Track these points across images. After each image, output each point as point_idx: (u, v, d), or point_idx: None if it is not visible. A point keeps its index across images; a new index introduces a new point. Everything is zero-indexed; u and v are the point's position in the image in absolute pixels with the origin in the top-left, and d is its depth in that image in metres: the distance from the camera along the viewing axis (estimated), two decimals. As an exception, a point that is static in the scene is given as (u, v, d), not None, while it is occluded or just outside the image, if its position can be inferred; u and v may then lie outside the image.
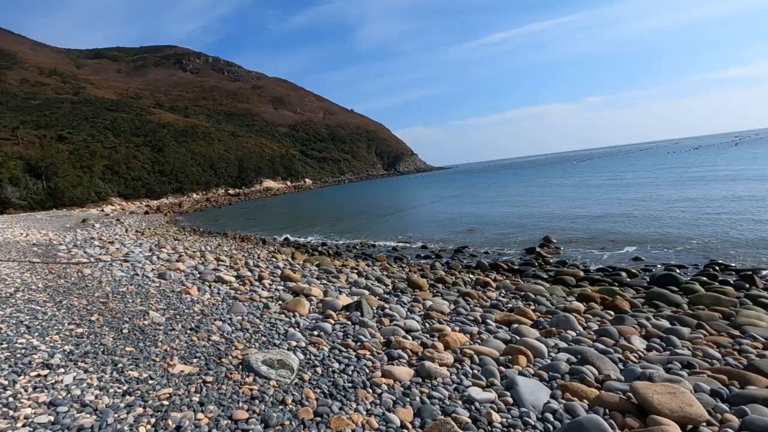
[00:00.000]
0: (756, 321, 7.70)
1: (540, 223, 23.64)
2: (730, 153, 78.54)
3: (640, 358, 6.20)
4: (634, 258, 14.85)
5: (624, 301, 9.15)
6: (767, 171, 37.42)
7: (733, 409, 4.48)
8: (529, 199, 37.71)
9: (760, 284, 10.65)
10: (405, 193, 68.44)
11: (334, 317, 7.70)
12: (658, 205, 25.00)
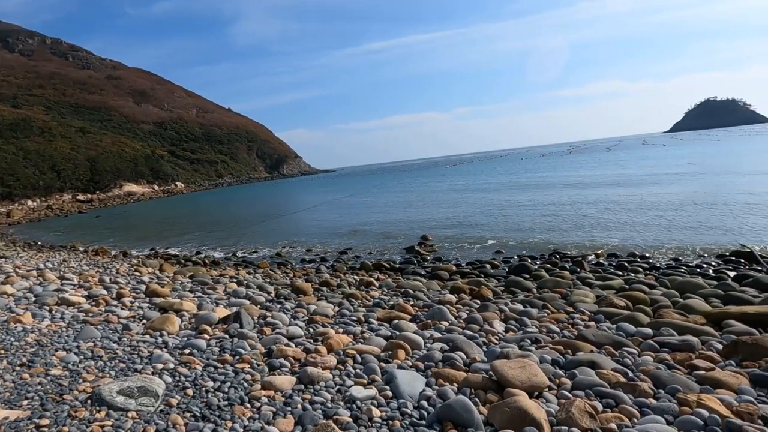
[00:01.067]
0: (583, 298, 9.36)
1: (418, 223, 25.28)
2: (567, 159, 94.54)
3: (500, 339, 7.04)
4: (496, 252, 16.84)
5: (488, 291, 10.30)
6: (594, 176, 45.79)
7: (567, 373, 5.38)
8: (408, 201, 40.05)
9: (587, 268, 12.99)
10: (289, 197, 66.79)
11: (209, 332, 7.14)
12: (512, 206, 28.74)
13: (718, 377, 5.05)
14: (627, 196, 26.99)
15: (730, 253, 13.30)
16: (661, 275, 11.41)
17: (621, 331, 7.07)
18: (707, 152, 68.88)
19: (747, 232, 15.83)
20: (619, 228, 18.69)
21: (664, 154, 75.56)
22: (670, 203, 23.10)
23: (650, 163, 56.87)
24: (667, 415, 4.31)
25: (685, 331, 6.77)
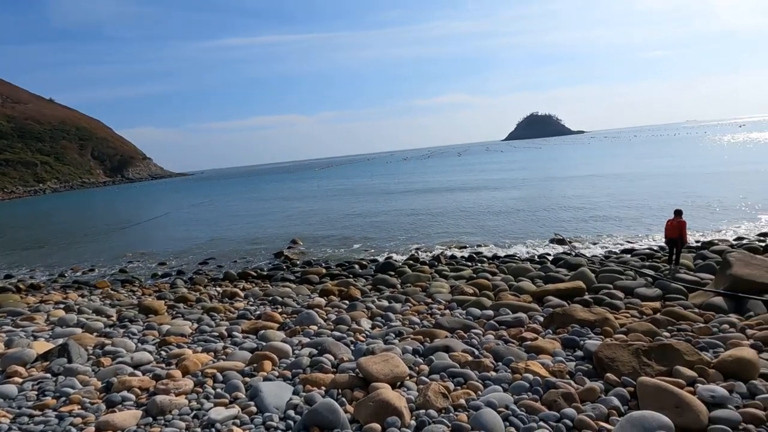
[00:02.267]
0: (440, 289, 10.33)
1: (287, 227, 24.70)
2: (426, 162, 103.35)
3: (367, 336, 7.29)
4: (365, 251, 17.46)
5: (356, 290, 10.60)
6: (449, 181, 50.86)
7: (425, 360, 5.86)
8: (276, 205, 38.85)
9: (443, 261, 14.36)
10: (135, 204, 58.44)
11: (22, 374, 5.80)
12: (378, 208, 30.18)
13: (540, 345, 6.09)
14: (475, 199, 30.73)
15: (549, 241, 16.22)
16: (501, 263, 13.27)
17: (470, 316, 8.00)
18: (533, 157, 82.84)
19: (561, 223, 19.50)
20: (469, 225, 21.16)
21: (503, 159, 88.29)
22: (508, 203, 27.11)
23: (493, 167, 65.69)
24: (504, 383, 5.02)
25: (517, 309, 7.99)
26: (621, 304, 8.30)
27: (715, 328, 6.53)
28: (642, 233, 16.26)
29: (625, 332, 6.49)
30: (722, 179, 28.73)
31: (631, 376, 4.76)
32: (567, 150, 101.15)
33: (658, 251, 12.95)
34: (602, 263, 11.94)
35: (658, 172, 35.65)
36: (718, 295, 7.87)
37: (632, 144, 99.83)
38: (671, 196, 23.05)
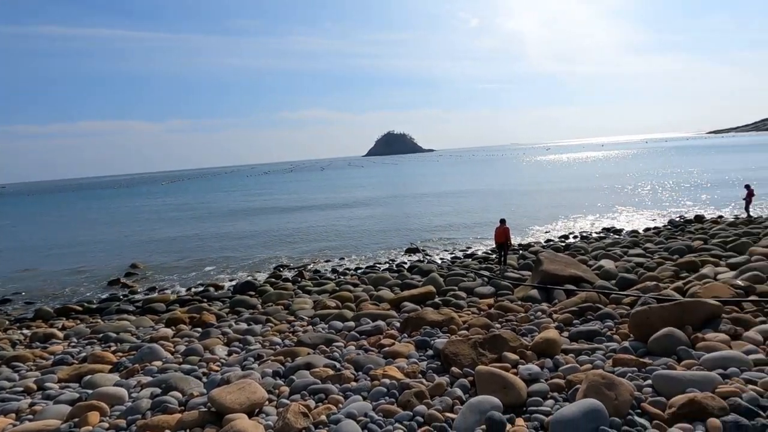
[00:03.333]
0: (303, 305, 10.18)
1: (123, 250, 21.42)
2: (288, 177, 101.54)
3: (222, 365, 6.72)
4: (221, 271, 16.18)
5: (210, 316, 9.72)
6: (310, 198, 50.76)
7: (286, 381, 5.67)
8: (108, 225, 33.34)
9: (307, 276, 14.22)
10: None
11: None
12: (232, 226, 28.39)
13: (396, 349, 6.46)
14: (338, 214, 31.40)
15: (406, 251, 17.48)
16: (363, 274, 13.75)
17: (332, 329, 8.06)
18: (390, 173, 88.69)
19: (416, 233, 21.21)
20: (333, 239, 21.44)
21: (364, 174, 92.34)
22: (369, 217, 28.41)
23: (354, 182, 68.05)
24: (364, 392, 5.17)
25: (377, 317, 8.37)
26: (464, 303, 9.39)
27: (532, 316, 7.87)
28: (479, 239, 18.75)
29: (467, 328, 7.35)
30: (533, 193, 35.13)
31: (471, 366, 5.39)
32: (419, 167, 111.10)
33: (491, 254, 15.07)
34: (449, 268, 13.35)
35: (487, 189, 41.71)
36: (534, 288, 9.52)
37: (472, 162, 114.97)
38: (497, 208, 27.21)
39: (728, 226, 15.75)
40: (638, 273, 10.25)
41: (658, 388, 4.45)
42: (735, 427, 3.57)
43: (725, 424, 3.61)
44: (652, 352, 5.54)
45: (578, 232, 18.53)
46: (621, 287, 9.17)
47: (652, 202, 26.47)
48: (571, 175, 52.90)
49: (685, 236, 14.69)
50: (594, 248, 13.90)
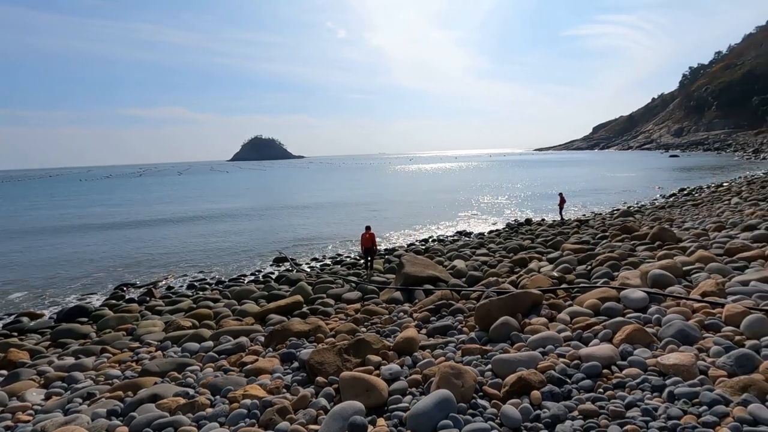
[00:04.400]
0: (152, 328, 8.96)
1: None
2: (137, 182, 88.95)
3: (36, 412, 5.47)
4: (38, 297, 13.26)
5: (21, 353, 7.85)
6: (154, 210, 45.23)
7: (125, 420, 4.87)
8: None
9: (157, 294, 12.58)
10: None
11: None
12: (56, 241, 23.76)
13: (259, 366, 6.12)
14: (195, 224, 28.66)
15: (274, 260, 16.82)
16: (225, 288, 12.76)
17: (186, 352, 7.26)
18: (258, 179, 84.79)
19: (286, 242, 20.59)
20: (191, 251, 19.42)
21: (229, 179, 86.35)
22: (233, 227, 26.59)
23: (215, 189, 63.08)
24: (221, 417, 4.75)
25: (239, 333, 7.83)
26: (332, 310, 9.43)
27: (395, 317, 8.31)
28: (348, 246, 19.14)
29: (334, 335, 7.37)
30: (399, 201, 37.51)
31: (336, 374, 5.41)
32: (289, 173, 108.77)
33: (359, 260, 15.50)
34: (318, 275, 13.28)
35: (356, 196, 43.07)
36: (397, 290, 10.08)
37: (342, 169, 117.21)
38: (365, 216, 28.27)
39: (548, 227, 19.11)
40: (484, 270, 11.68)
41: (496, 370, 5.09)
42: (550, 395, 4.29)
43: (543, 394, 4.31)
44: (492, 339, 6.33)
45: (436, 236, 20.35)
46: (470, 284, 10.32)
47: (495, 208, 30.63)
48: (431, 183, 58.06)
49: (518, 237, 17.33)
50: (449, 250, 15.40)
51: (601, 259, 10.04)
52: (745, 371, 4.14)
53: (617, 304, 6.75)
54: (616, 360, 4.86)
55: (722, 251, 9.38)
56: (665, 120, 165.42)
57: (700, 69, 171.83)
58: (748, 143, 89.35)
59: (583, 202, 30.11)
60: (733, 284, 6.88)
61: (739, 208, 17.25)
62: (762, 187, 25.27)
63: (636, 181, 43.35)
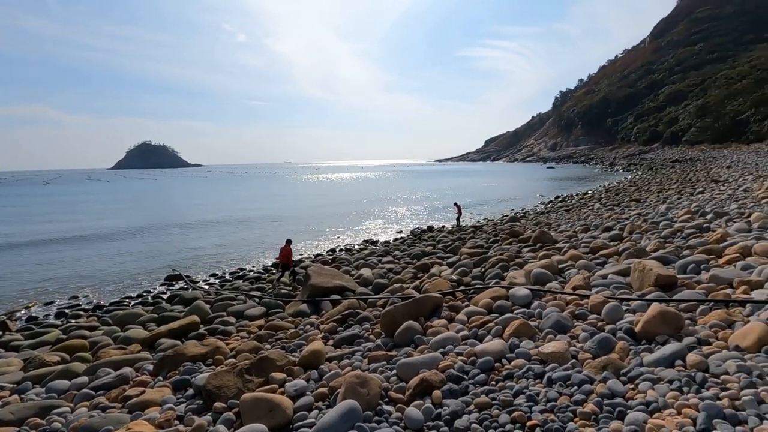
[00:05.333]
0: (6, 368, 7.50)
1: None
2: None
3: None
4: None
5: None
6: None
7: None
8: None
9: (14, 327, 10.60)
10: None
11: None
12: None
13: (147, 398, 5.47)
14: (62, 248, 24.86)
15: (165, 278, 15.28)
16: (105, 313, 11.24)
17: (52, 392, 6.21)
18: (149, 189, 76.69)
19: (177, 259, 18.84)
20: (59, 273, 16.75)
21: (109, 190, 76.65)
22: (115, 243, 23.58)
23: (92, 197, 55.62)
24: (97, 463, 4.14)
25: (122, 364, 6.94)
26: (233, 329, 8.86)
27: (302, 330, 8.10)
28: (251, 259, 18.23)
29: (235, 356, 6.92)
30: (308, 210, 36.91)
31: (237, 397, 5.06)
32: (185, 183, 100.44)
33: (263, 273, 14.86)
34: (217, 292, 12.40)
35: (257, 211, 41.40)
36: (304, 303, 9.85)
37: (245, 179, 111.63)
38: (271, 227, 27.29)
39: (448, 233, 20.37)
40: (389, 277, 12.00)
41: (401, 375, 5.22)
42: (449, 393, 4.53)
43: (443, 392, 4.53)
44: (398, 344, 6.50)
45: (344, 245, 20.39)
46: (376, 291, 10.51)
47: (400, 216, 31.75)
48: (339, 192, 58.17)
49: (421, 243, 18.16)
50: (356, 259, 15.53)
51: (493, 261, 10.97)
52: (605, 352, 4.84)
53: (506, 301, 7.42)
54: (506, 353, 5.33)
55: (588, 250, 10.88)
56: (543, 136, 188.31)
57: (568, 93, 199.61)
58: (606, 157, 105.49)
59: (479, 209, 32.73)
60: (596, 278, 8.01)
61: (599, 212, 20.23)
62: (616, 194, 30.02)
63: (521, 190, 48.47)
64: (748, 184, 22.15)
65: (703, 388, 3.66)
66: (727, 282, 6.55)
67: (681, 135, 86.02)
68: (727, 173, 33.08)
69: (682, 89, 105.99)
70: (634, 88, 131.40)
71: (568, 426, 3.53)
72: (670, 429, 3.12)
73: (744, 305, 5.56)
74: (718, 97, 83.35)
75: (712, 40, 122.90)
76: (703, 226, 11.29)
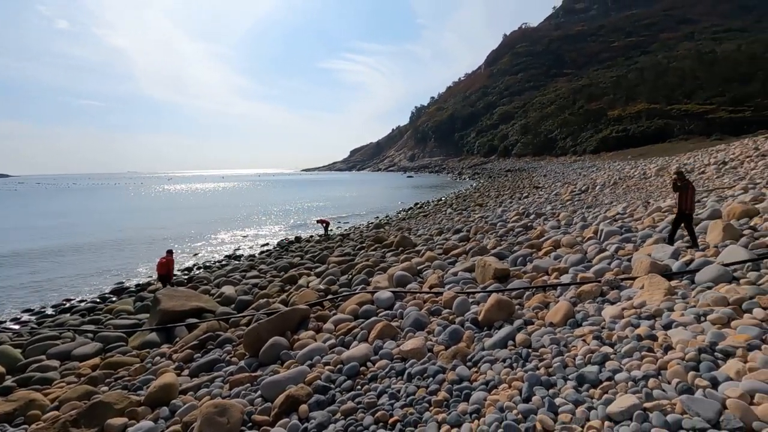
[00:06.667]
0: None
1: None
2: None
3: None
4: None
5: None
6: None
7: None
8: None
9: None
10: None
11: None
12: None
13: None
14: None
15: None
16: None
17: None
18: None
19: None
20: None
21: None
22: None
23: None
24: None
25: None
26: (56, 374, 7.29)
27: (149, 364, 7.10)
28: (83, 288, 15.33)
29: (57, 407, 5.69)
30: (150, 228, 32.76)
31: (59, 457, 4.17)
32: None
33: (99, 302, 12.65)
34: (33, 331, 10.08)
35: (84, 231, 35.38)
36: (152, 332, 8.66)
37: (69, 192, 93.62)
38: (104, 248, 23.49)
39: (316, 243, 20.31)
40: (254, 293, 11.38)
41: (266, 395, 4.98)
42: (316, 405, 4.49)
43: (310, 405, 4.47)
44: (263, 363, 6.19)
45: (202, 263, 18.64)
46: (239, 309, 9.86)
47: (266, 227, 30.48)
48: (195, 205, 53.08)
49: (289, 255, 17.73)
50: (216, 276, 14.34)
51: (359, 268, 11.32)
52: (455, 342, 5.39)
53: (372, 305, 7.71)
54: (371, 356, 5.53)
55: (442, 251, 12.03)
56: (402, 147, 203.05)
57: (422, 108, 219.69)
58: (455, 167, 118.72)
59: (346, 219, 33.47)
60: (448, 276, 8.90)
61: (451, 216, 22.61)
62: (464, 200, 33.98)
63: (385, 198, 51.25)
64: (558, 189, 27.44)
65: (527, 362, 4.35)
66: (545, 270, 7.95)
67: (511, 149, 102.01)
68: (543, 181, 40.40)
69: (509, 110, 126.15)
70: (474, 108, 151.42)
71: (425, 416, 3.82)
72: (503, 401, 3.63)
73: (556, 288, 6.82)
74: (535, 119, 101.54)
75: (529, 71, 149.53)
76: (527, 225, 13.52)
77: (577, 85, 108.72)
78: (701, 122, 59.45)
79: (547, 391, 3.66)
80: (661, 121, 64.43)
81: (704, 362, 3.49)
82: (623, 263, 7.07)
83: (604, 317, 5.12)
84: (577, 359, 4.11)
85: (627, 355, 3.92)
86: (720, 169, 20.67)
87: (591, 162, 58.62)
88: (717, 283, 5.24)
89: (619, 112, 75.81)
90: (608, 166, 44.31)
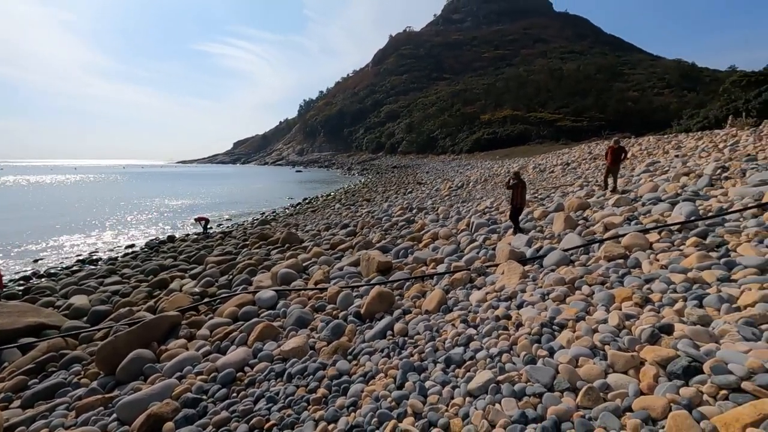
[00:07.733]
0: None
1: None
2: None
3: None
4: None
5: None
6: None
7: None
8: None
9: None
10: None
11: None
12: None
13: None
14: None
15: None
16: None
17: None
18: None
19: None
20: None
21: None
22: None
23: None
24: None
25: None
26: None
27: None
28: None
29: None
30: None
31: None
32: None
33: None
34: None
35: None
36: (-31, 359, 6.99)
37: None
38: None
39: (192, 242, 18.62)
40: (114, 302, 9.96)
41: (123, 418, 4.38)
42: (184, 421, 4.09)
43: (177, 422, 4.06)
44: (121, 381, 5.44)
45: (44, 271, 15.68)
46: (94, 322, 8.53)
47: (132, 227, 26.91)
48: (39, 201, 44.35)
49: (159, 256, 15.92)
50: (64, 285, 12.20)
51: (240, 267, 10.69)
52: (337, 337, 5.42)
53: (253, 306, 7.34)
54: (249, 360, 5.25)
55: (329, 246, 12.01)
56: (291, 141, 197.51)
57: (311, 102, 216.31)
58: (345, 163, 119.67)
59: (229, 214, 31.32)
60: (334, 271, 8.92)
61: (340, 212, 22.74)
62: (352, 195, 34.47)
63: (272, 193, 49.29)
64: (438, 186, 29.54)
65: (403, 350, 4.58)
66: (424, 261, 8.47)
67: (397, 146, 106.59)
68: (426, 177, 43.10)
69: (395, 109, 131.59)
70: (363, 105, 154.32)
71: (302, 416, 3.76)
72: (378, 391, 3.75)
73: (433, 278, 7.32)
74: (419, 118, 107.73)
75: (413, 73, 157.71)
76: (410, 219, 14.26)
77: (455, 89, 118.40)
78: (552, 129, 69.73)
79: (419, 376, 3.89)
80: (522, 126, 73.82)
81: (545, 335, 4.08)
82: (489, 252, 7.89)
83: (471, 302, 5.65)
84: (446, 343, 4.46)
85: (487, 335, 4.37)
86: (564, 169, 24.45)
87: (467, 161, 64.43)
88: (559, 266, 6.17)
89: (489, 117, 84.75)
90: (480, 164, 49.22)
